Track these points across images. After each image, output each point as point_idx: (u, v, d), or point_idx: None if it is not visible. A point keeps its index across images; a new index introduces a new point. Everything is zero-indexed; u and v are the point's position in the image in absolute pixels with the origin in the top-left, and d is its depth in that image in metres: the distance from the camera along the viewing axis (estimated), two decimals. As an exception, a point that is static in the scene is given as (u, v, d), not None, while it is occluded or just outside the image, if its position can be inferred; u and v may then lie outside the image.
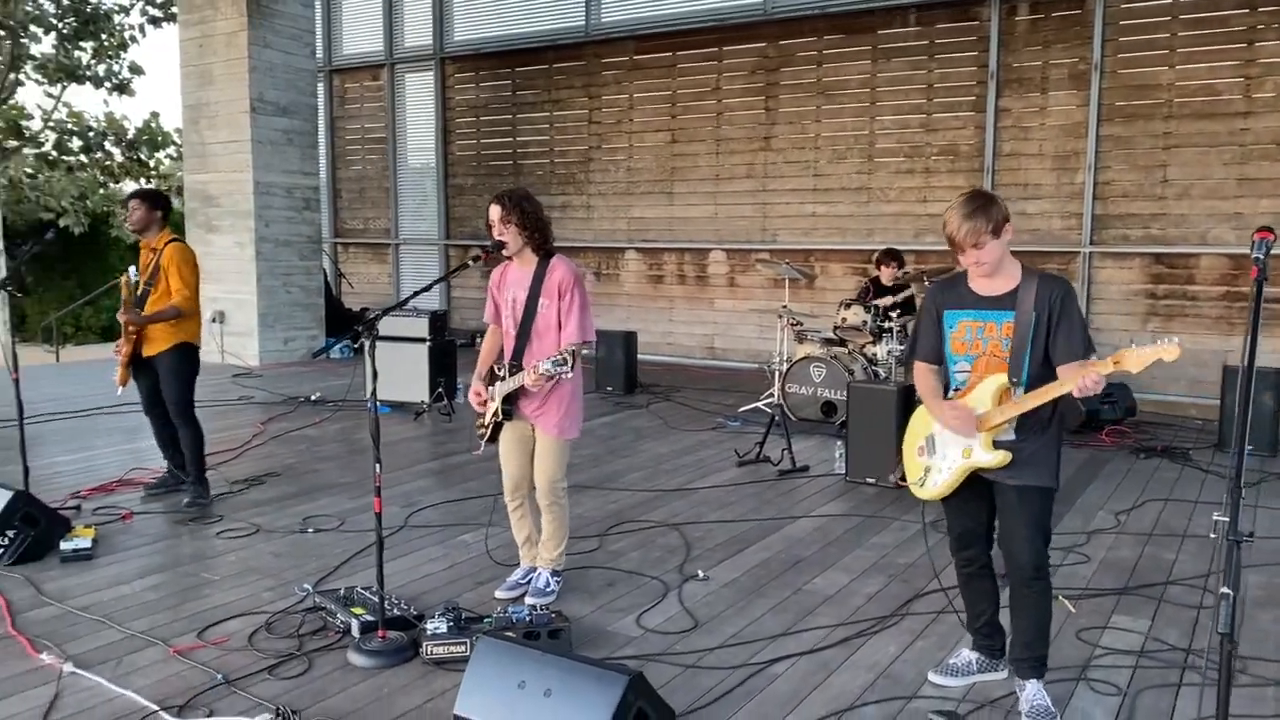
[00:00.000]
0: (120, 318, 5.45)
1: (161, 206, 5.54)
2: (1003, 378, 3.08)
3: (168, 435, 5.70)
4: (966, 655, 3.47)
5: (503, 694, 2.75)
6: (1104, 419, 7.69)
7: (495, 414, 4.06)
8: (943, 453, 3.24)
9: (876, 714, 3.19)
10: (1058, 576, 4.26)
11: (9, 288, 5.28)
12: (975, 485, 3.20)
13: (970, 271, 3.15)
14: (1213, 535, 5.03)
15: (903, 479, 3.50)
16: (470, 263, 4.24)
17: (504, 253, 3.97)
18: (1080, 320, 3.07)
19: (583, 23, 12.23)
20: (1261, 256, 2.16)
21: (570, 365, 3.68)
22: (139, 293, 5.46)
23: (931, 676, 3.44)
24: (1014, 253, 3.14)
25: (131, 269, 5.49)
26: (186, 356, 5.53)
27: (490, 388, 4.11)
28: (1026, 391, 3.05)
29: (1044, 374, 3.05)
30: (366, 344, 3.63)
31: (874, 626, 3.92)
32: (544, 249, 4.01)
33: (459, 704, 2.83)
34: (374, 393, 3.67)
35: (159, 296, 5.39)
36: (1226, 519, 2.04)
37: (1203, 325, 8.89)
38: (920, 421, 3.41)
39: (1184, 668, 3.52)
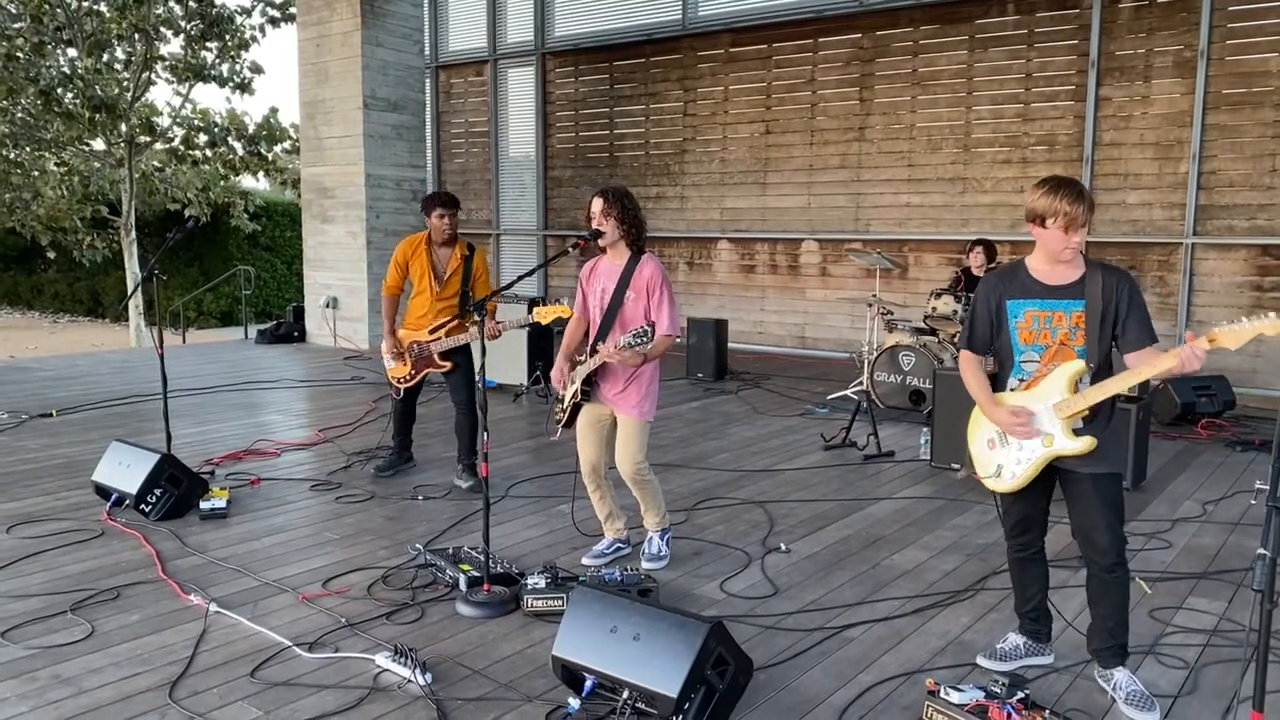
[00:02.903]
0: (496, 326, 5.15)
1: None
2: (1079, 364, 3.08)
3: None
4: (1014, 639, 3.50)
5: (597, 637, 3.04)
6: (1200, 411, 7.58)
7: (575, 395, 4.32)
8: (1019, 443, 3.20)
9: (944, 676, 3.37)
10: (1136, 560, 4.35)
11: (158, 273, 5.77)
12: (1040, 473, 3.21)
13: (1048, 257, 3.14)
14: (1253, 501, 5.01)
15: (973, 473, 3.45)
16: (570, 250, 4.53)
17: (600, 243, 4.24)
18: (1146, 309, 3.11)
19: (679, 16, 12.46)
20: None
21: (649, 337, 3.94)
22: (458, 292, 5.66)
23: (980, 660, 3.47)
24: (1115, 244, 3.20)
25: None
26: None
27: (571, 372, 4.39)
28: (1094, 380, 3.05)
29: (1106, 364, 3.10)
30: (477, 324, 3.96)
31: (948, 599, 4.08)
32: (637, 245, 4.25)
33: (557, 646, 3.13)
34: (483, 367, 4.02)
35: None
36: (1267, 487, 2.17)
37: (1311, 318, 8.65)
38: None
39: (1255, 646, 3.57)
